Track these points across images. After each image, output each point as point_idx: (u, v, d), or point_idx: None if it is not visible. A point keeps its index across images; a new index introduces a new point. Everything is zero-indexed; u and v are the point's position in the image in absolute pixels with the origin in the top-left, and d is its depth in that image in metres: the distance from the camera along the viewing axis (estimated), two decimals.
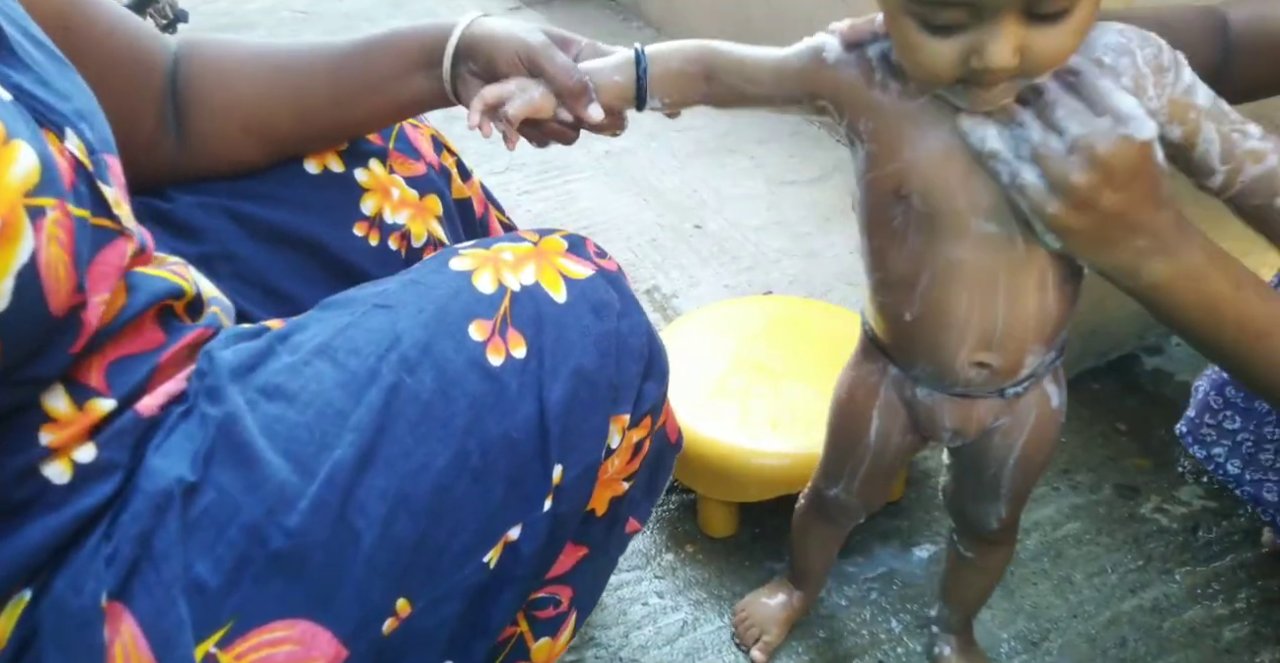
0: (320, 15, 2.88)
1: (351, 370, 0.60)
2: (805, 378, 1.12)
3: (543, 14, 2.72)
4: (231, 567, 0.56)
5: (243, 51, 0.80)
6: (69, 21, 0.69)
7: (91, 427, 0.57)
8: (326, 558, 0.57)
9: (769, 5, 2.11)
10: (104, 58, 0.72)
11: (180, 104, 0.78)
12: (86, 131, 0.58)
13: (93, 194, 0.57)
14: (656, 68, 0.68)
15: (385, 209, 0.84)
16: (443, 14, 2.82)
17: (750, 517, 1.16)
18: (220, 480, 0.57)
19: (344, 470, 0.58)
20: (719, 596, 1.09)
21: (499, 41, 0.73)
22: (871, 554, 1.12)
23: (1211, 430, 0.98)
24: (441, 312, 0.63)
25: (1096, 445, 1.25)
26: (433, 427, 0.60)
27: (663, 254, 1.67)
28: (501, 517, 0.64)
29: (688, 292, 1.58)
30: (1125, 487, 1.20)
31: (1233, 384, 0.94)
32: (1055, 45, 0.55)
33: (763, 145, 1.95)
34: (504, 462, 0.63)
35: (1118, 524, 1.15)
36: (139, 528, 0.56)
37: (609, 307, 0.68)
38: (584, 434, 0.67)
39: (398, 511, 0.59)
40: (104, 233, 0.58)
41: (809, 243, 1.67)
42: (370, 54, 0.78)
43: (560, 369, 0.64)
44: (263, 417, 0.59)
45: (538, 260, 0.68)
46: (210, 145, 0.79)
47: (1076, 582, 1.09)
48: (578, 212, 1.79)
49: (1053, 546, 1.13)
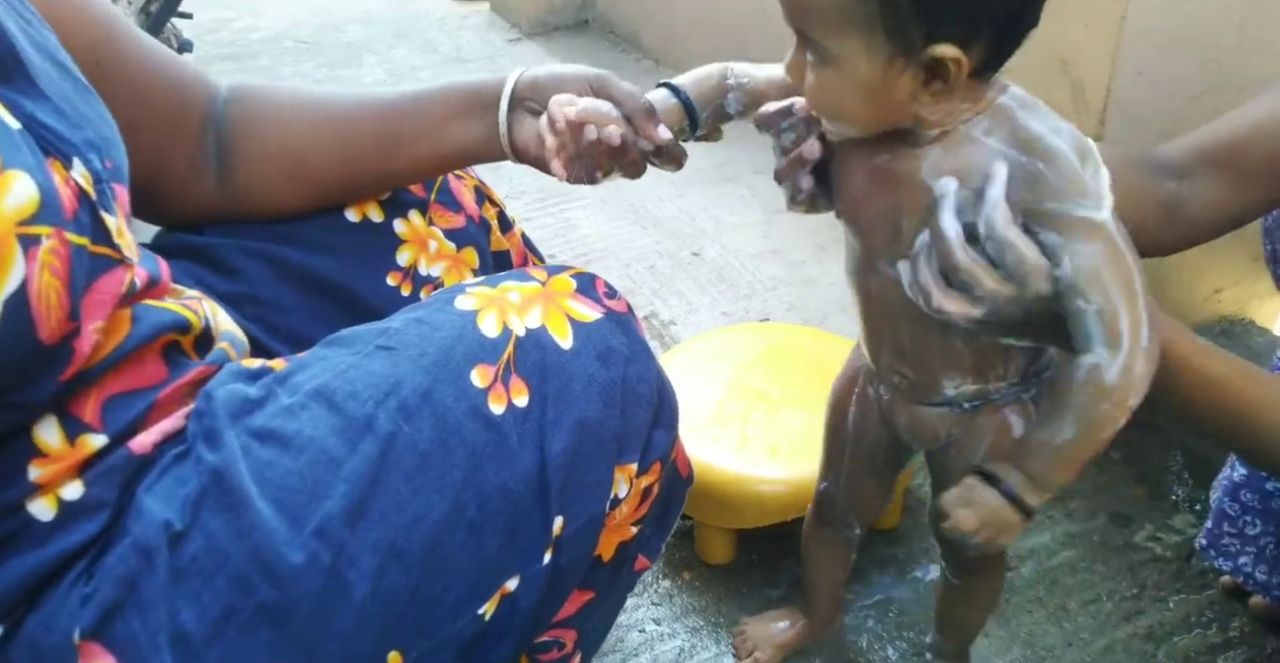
0: (323, 46, 2.92)
1: (348, 415, 0.59)
2: (802, 405, 1.13)
3: (541, 46, 2.76)
4: (216, 617, 0.55)
5: (289, 99, 0.81)
6: (100, 55, 0.70)
7: (81, 463, 0.57)
8: (315, 610, 0.56)
9: (765, 37, 2.15)
10: (136, 95, 0.73)
11: (224, 149, 0.79)
12: (95, 161, 0.59)
13: (94, 223, 0.57)
14: (693, 92, 0.75)
15: (421, 261, 0.84)
16: (444, 46, 2.86)
17: (748, 544, 1.16)
18: (210, 527, 0.56)
19: (335, 521, 0.56)
20: (716, 623, 1.09)
21: (564, 76, 0.75)
22: (868, 581, 1.13)
23: (1234, 539, 0.96)
24: (444, 355, 0.62)
25: (1091, 473, 1.26)
26: (429, 477, 0.59)
27: (661, 281, 1.69)
28: (498, 569, 0.63)
29: (686, 319, 1.59)
30: (1120, 515, 1.21)
31: (1247, 487, 0.93)
32: (815, 88, 0.62)
33: (759, 175, 1.97)
34: (501, 514, 0.61)
35: (1112, 552, 1.16)
36: (125, 570, 0.55)
37: (616, 352, 0.67)
38: (586, 486, 0.65)
39: (390, 563, 0.58)
40: (103, 261, 0.58)
41: (805, 271, 1.69)
42: (420, 102, 0.79)
43: (563, 419, 0.63)
44: (255, 462, 0.58)
45: (545, 303, 0.67)
46: (253, 191, 0.80)
47: (1072, 609, 1.09)
48: (577, 239, 1.81)
49: (1048, 573, 1.13)
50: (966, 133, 0.62)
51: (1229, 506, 0.95)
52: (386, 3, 3.27)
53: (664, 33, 2.54)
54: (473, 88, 0.79)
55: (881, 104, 0.61)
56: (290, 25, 3.11)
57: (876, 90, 0.60)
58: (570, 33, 2.85)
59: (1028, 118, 0.61)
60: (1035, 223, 0.61)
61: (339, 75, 2.68)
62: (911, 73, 0.59)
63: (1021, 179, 0.61)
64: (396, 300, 0.83)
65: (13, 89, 0.56)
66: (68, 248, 0.54)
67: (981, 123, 0.62)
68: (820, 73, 0.61)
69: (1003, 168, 0.61)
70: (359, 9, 3.22)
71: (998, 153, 0.61)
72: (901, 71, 0.59)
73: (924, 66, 0.58)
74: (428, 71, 2.66)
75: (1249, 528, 0.94)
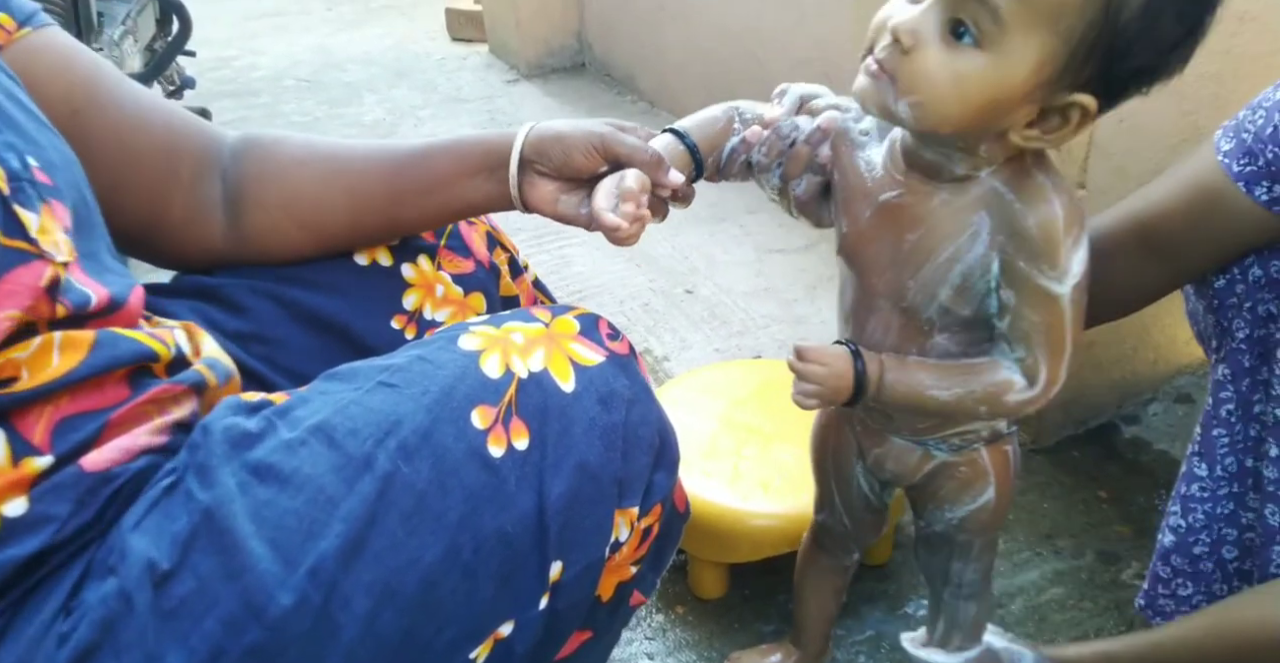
0: (323, 84, 2.97)
1: (348, 454, 0.59)
2: (794, 440, 1.15)
3: (539, 87, 2.81)
4: (205, 659, 0.54)
5: (301, 151, 0.82)
6: (76, 105, 0.71)
7: (25, 480, 0.56)
8: (304, 652, 0.55)
9: (754, 81, 2.20)
10: (120, 143, 0.74)
11: (234, 197, 0.80)
12: (12, 160, 0.59)
13: (6, 216, 0.57)
14: (696, 135, 0.75)
15: (426, 305, 0.85)
16: (443, 86, 2.91)
17: (740, 578, 1.17)
18: (200, 569, 0.55)
19: (329, 562, 0.56)
20: (709, 658, 1.09)
21: (568, 137, 0.76)
22: (859, 617, 1.13)
23: (1169, 601, 0.99)
24: (446, 395, 0.61)
25: (1078, 512, 1.27)
26: (425, 519, 0.58)
27: (655, 318, 1.71)
28: (492, 613, 0.62)
29: (679, 355, 1.61)
30: (1107, 553, 1.22)
31: (1177, 553, 0.96)
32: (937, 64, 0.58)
33: (752, 215, 2.01)
34: (497, 558, 0.61)
35: (1100, 590, 1.17)
36: (105, 612, 0.55)
37: (618, 396, 0.66)
38: (586, 530, 0.65)
39: (383, 605, 0.57)
40: (16, 253, 0.57)
41: (796, 309, 1.72)
42: (430, 157, 0.80)
43: (563, 464, 0.63)
44: (252, 501, 0.57)
45: (548, 345, 0.66)
46: (263, 238, 0.81)
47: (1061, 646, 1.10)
48: (572, 276, 1.84)
49: (1036, 610, 1.14)
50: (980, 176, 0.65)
51: (1161, 569, 0.98)
52: (386, 43, 3.33)
53: (658, 75, 2.59)
54: (481, 146, 0.80)
55: (988, 113, 0.59)
56: (291, 64, 3.16)
57: (1002, 100, 0.58)
58: (567, 75, 2.90)
59: (1038, 172, 0.64)
60: (1005, 274, 0.65)
61: (340, 114, 2.72)
62: (1039, 104, 0.58)
63: (1009, 227, 0.64)
64: (399, 343, 0.82)
65: None
66: None
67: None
68: (959, 53, 0.57)
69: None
70: (359, 49, 3.28)
71: (997, 195, 0.64)
72: (1038, 98, 0.58)
73: (1055, 104, 0.58)
74: (427, 110, 2.70)
75: (1181, 589, 0.97)
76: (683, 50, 2.45)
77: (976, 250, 0.65)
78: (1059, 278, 0.63)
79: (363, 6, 3.77)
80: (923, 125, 0.61)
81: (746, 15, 2.17)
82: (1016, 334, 0.65)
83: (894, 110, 0.61)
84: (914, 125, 0.62)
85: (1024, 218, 0.63)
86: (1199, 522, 0.93)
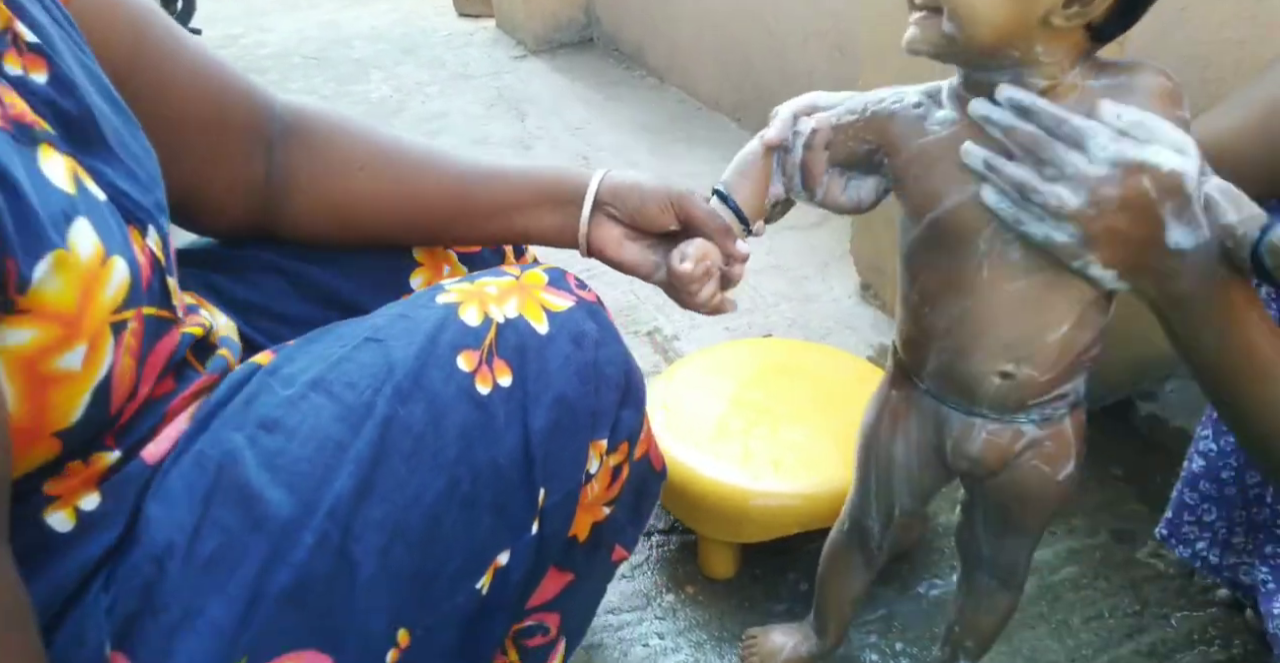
0: (331, 61, 2.95)
1: (348, 404, 0.61)
2: (805, 420, 1.14)
3: (546, 63, 2.79)
4: (244, 605, 0.56)
5: (361, 150, 0.79)
6: (124, 75, 0.67)
7: (97, 475, 0.58)
8: (327, 589, 0.58)
9: (768, 54, 2.17)
10: (168, 106, 0.71)
11: (282, 184, 0.78)
12: (165, 224, 0.61)
13: (161, 288, 0.60)
14: (738, 196, 0.76)
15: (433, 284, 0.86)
16: (450, 62, 2.88)
17: (750, 558, 1.16)
18: (225, 522, 0.58)
19: (344, 502, 0.59)
20: (719, 637, 1.09)
21: (646, 189, 0.77)
22: (872, 596, 1.13)
23: (1193, 527, 0.99)
24: (431, 343, 0.64)
25: (1093, 490, 1.26)
26: (424, 457, 0.61)
27: (664, 297, 1.69)
28: (492, 543, 0.65)
29: (688, 334, 1.60)
30: (1122, 531, 1.21)
31: (1205, 478, 0.96)
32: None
33: None
34: (492, 489, 0.64)
35: (1115, 569, 1.16)
36: (140, 580, 0.57)
37: (588, 336, 0.70)
38: (565, 460, 0.68)
39: (394, 541, 0.60)
40: (163, 324, 0.60)
41: (807, 287, 1.70)
42: (500, 180, 0.80)
43: (543, 397, 0.66)
44: (263, 451, 0.59)
45: (520, 294, 0.70)
46: (302, 227, 0.80)
47: (1074, 626, 1.09)
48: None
49: (1050, 589, 1.13)
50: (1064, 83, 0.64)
51: (1188, 496, 0.98)
52: (393, 19, 3.31)
53: (668, 49, 2.56)
54: (554, 180, 0.80)
55: (1017, 10, 0.60)
56: (298, 41, 3.14)
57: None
58: (575, 50, 2.87)
59: (1121, 97, 0.63)
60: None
61: (347, 91, 2.70)
62: None
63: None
64: None
65: (95, 156, 0.58)
66: (142, 322, 0.56)
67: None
68: None
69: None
70: (366, 25, 3.26)
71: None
72: None
73: None
74: (434, 87, 2.68)
75: (1205, 515, 0.98)
76: (693, 23, 2.41)
77: None
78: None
79: None
80: (972, 29, 0.62)
81: None
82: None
83: (946, 35, 0.62)
84: (966, 34, 0.62)
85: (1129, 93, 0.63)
86: (1230, 445, 0.93)
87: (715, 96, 2.41)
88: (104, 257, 0.53)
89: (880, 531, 0.89)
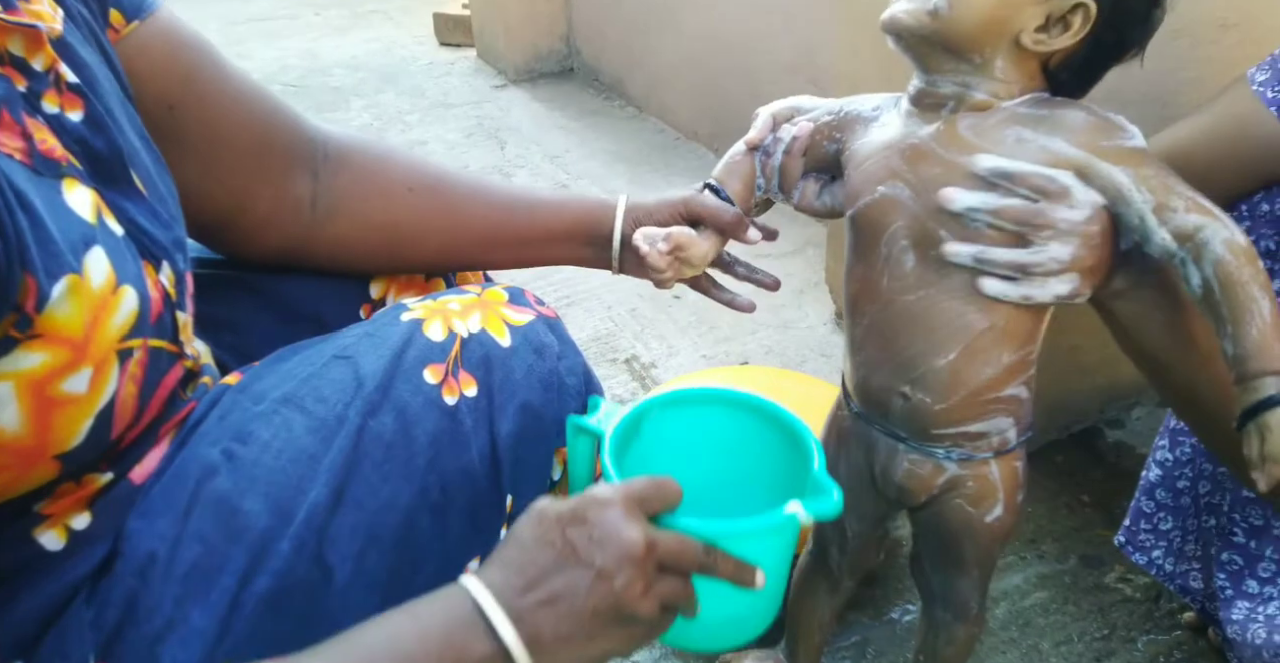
0: (310, 89, 2.96)
1: (320, 416, 0.63)
2: None
3: (527, 92, 2.82)
4: (225, 613, 0.57)
5: (409, 175, 0.83)
6: (174, 102, 0.71)
7: (89, 496, 0.59)
8: (306, 595, 0.59)
9: (744, 85, 2.21)
10: (215, 134, 0.74)
11: (329, 207, 0.81)
12: (180, 262, 0.63)
13: (171, 323, 0.62)
14: (734, 186, 0.81)
15: (390, 293, 0.87)
16: (431, 91, 2.90)
17: None
18: (204, 533, 0.59)
19: (319, 511, 0.60)
20: (696, 660, 1.10)
21: (656, 212, 0.83)
22: (845, 622, 1.14)
23: (1149, 535, 1.02)
24: (398, 357, 0.66)
25: (1062, 516, 1.28)
26: (396, 465, 0.63)
27: (642, 324, 1.71)
28: (464, 548, 0.67)
29: (666, 361, 1.61)
30: (1090, 556, 1.23)
31: (1161, 487, 0.99)
32: None
33: None
34: (463, 495, 0.66)
35: (1083, 593, 1.18)
36: (123, 592, 0.58)
37: (549, 348, 0.73)
38: (531, 466, 0.70)
39: (369, 547, 0.61)
40: (169, 357, 0.62)
41: (784, 315, 1.72)
42: (539, 210, 0.85)
43: (509, 405, 0.69)
44: (239, 463, 0.61)
45: (482, 310, 0.72)
46: (343, 251, 0.82)
47: (1044, 650, 1.11)
48: (559, 281, 1.84)
49: (1021, 614, 1.15)
50: (1000, 107, 0.67)
51: (1145, 503, 1.01)
52: (374, 48, 3.33)
53: (646, 80, 2.60)
54: (584, 214, 0.85)
55: (1002, 10, 0.64)
56: (278, 69, 3.15)
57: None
58: (555, 80, 2.91)
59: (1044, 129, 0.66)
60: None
61: (327, 119, 2.71)
62: (1044, 8, 0.63)
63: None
64: None
65: (118, 193, 0.60)
66: (147, 353, 0.58)
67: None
68: None
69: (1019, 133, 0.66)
70: (347, 54, 3.28)
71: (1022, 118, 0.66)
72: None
73: (1060, 8, 0.63)
74: (414, 115, 2.70)
75: (1161, 524, 1.01)
76: (671, 55, 2.45)
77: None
78: (1131, 137, 0.66)
79: (350, 11, 3.77)
80: (962, 9, 0.64)
81: (734, 20, 2.18)
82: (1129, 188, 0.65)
83: (930, 12, 0.65)
84: (954, 13, 0.64)
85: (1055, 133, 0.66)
86: (1185, 455, 0.96)
87: (693, 127, 2.45)
88: (115, 285, 0.55)
89: (838, 553, 0.91)
